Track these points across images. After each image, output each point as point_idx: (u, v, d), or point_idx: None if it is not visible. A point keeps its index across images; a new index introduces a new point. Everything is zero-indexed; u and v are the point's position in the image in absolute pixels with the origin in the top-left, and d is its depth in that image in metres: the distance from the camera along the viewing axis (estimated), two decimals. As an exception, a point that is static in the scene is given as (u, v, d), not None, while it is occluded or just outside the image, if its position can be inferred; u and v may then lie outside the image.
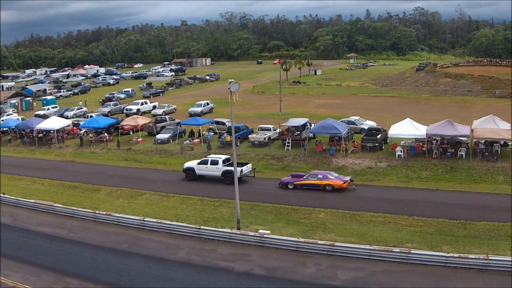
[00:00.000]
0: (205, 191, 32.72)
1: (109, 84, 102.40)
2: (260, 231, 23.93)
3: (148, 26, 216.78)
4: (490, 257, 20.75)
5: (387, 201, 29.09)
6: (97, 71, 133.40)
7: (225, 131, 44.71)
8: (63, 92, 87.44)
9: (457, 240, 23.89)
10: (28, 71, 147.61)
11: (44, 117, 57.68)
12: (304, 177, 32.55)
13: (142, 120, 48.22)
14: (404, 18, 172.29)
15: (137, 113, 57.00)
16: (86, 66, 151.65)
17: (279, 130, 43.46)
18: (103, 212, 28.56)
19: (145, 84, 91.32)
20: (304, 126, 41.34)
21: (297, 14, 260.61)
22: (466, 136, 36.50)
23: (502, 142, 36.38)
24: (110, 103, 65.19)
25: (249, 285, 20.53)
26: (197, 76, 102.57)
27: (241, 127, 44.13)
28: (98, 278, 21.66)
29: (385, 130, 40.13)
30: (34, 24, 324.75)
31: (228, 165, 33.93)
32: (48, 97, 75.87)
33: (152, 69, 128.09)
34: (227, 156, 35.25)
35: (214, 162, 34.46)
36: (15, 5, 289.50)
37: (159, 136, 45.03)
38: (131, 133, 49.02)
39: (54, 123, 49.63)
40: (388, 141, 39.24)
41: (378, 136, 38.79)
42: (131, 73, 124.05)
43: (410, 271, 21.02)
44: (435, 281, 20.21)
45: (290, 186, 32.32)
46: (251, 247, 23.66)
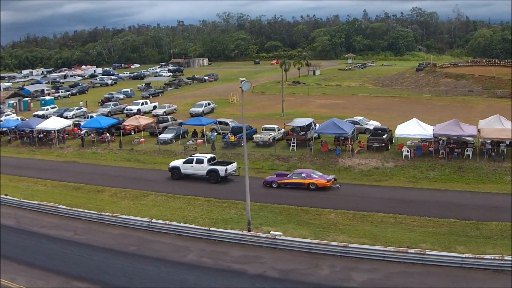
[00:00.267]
0: (211, 191, 32.29)
1: (107, 84, 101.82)
2: (272, 232, 23.52)
3: (144, 26, 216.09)
4: (505, 258, 20.48)
5: (397, 202, 28.82)
6: (94, 71, 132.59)
7: (228, 131, 44.24)
8: (61, 92, 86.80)
9: (470, 241, 23.70)
10: (25, 72, 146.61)
11: (43, 117, 57.08)
12: (288, 176, 32.65)
13: (144, 120, 47.67)
14: (402, 19, 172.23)
15: (138, 113, 56.44)
16: (83, 66, 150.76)
17: (283, 130, 43.06)
18: (109, 214, 27.99)
19: (143, 84, 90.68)
20: (309, 126, 40.97)
21: (293, 15, 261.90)
22: (473, 136, 36.31)
23: (508, 142, 36.21)
24: (110, 103, 64.54)
25: (263, 288, 20.09)
26: (195, 76, 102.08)
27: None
28: (107, 282, 21.13)
29: (390, 130, 39.94)
30: (30, 24, 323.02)
31: (213, 164, 34.44)
32: (46, 98, 75.28)
33: (150, 70, 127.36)
34: (213, 155, 35.81)
35: (199, 161, 34.71)
36: (11, 6, 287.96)
37: (162, 136, 44.51)
38: (133, 133, 48.52)
39: (55, 123, 49.02)
40: (394, 141, 39.03)
41: (384, 136, 38.53)
42: (129, 73, 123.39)
43: (426, 272, 20.73)
44: (451, 282, 19.94)
45: (274, 185, 32.48)
46: (262, 248, 23.23)
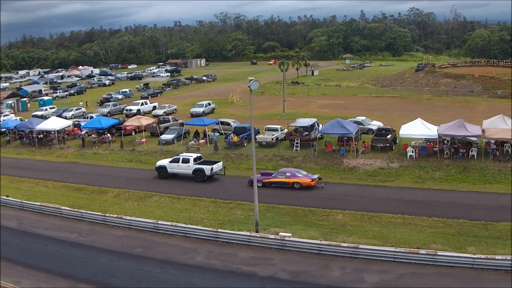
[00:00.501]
0: (217, 192, 31.99)
1: (104, 84, 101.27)
2: (280, 233, 23.17)
3: (141, 27, 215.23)
4: (517, 258, 20.30)
5: (404, 202, 28.60)
6: (92, 72, 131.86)
7: (230, 132, 43.89)
8: (59, 92, 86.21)
9: (479, 241, 23.52)
10: (21, 72, 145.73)
11: (42, 117, 56.53)
12: (273, 175, 32.57)
13: (145, 121, 47.23)
14: (399, 19, 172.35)
15: (138, 114, 56.00)
16: (80, 67, 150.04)
17: (286, 130, 42.75)
18: (114, 215, 27.55)
19: (142, 84, 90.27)
20: (313, 126, 40.68)
21: (289, 15, 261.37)
22: (478, 136, 36.15)
23: (513, 142, 36.05)
24: (109, 104, 64.03)
25: (275, 290, 19.79)
26: (194, 76, 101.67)
27: (247, 127, 43.38)
28: (114, 285, 20.76)
29: (394, 130, 39.75)
30: (25, 25, 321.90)
31: (199, 164, 34.60)
32: (45, 98, 74.68)
33: (147, 70, 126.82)
34: (199, 155, 36.01)
35: (186, 161, 34.86)
36: (7, 6, 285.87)
37: (164, 137, 44.09)
38: (133, 133, 48.10)
39: (55, 123, 48.46)
40: (398, 141, 38.82)
41: (388, 136, 38.30)
42: (126, 73, 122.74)
43: (438, 273, 20.51)
44: (464, 283, 19.75)
45: (259, 184, 31.93)
46: (271, 250, 22.90)
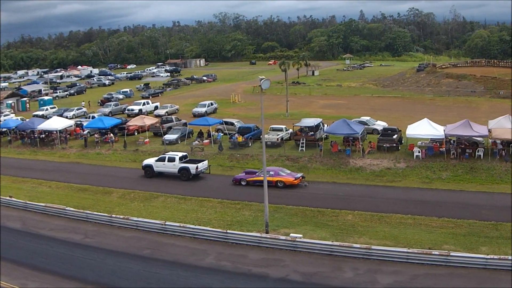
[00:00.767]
0: (223, 193, 31.69)
1: (104, 84, 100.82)
2: (291, 234, 22.87)
3: (140, 27, 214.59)
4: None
5: (413, 203, 28.35)
6: (91, 72, 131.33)
7: (234, 132, 43.56)
8: (59, 92, 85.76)
9: (491, 242, 23.36)
10: (20, 72, 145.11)
11: (43, 117, 56.11)
12: (256, 173, 32.74)
13: (149, 120, 46.82)
14: (399, 19, 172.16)
15: (139, 114, 55.63)
16: (79, 67, 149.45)
17: (291, 130, 42.46)
18: (120, 216, 27.19)
19: (142, 84, 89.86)
20: (318, 126, 40.40)
21: (287, 15, 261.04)
22: (484, 136, 35.95)
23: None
24: (111, 103, 63.59)
25: (288, 292, 19.51)
26: (194, 76, 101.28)
27: (252, 127, 43.07)
28: (123, 287, 20.38)
29: (400, 130, 39.53)
30: (23, 25, 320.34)
31: (185, 162, 35.11)
32: (45, 98, 74.24)
33: (147, 70, 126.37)
34: (184, 154, 36.60)
35: (171, 159, 35.38)
36: (5, 6, 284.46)
37: (167, 137, 43.70)
38: (136, 133, 47.75)
39: (56, 123, 48.02)
40: (403, 141, 38.58)
41: (394, 136, 38.07)
42: (126, 73, 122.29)
43: (451, 274, 20.30)
44: (478, 284, 19.55)
45: (243, 183, 32.78)
46: (282, 251, 22.60)
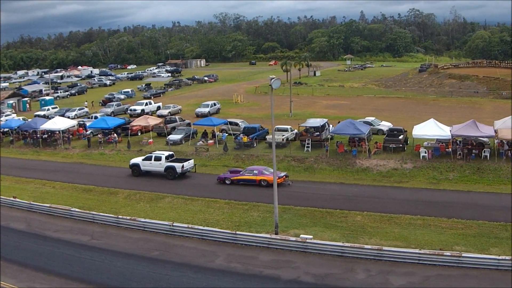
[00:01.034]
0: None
1: (105, 85, 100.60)
2: (302, 235, 22.63)
3: (140, 27, 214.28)
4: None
5: (421, 203, 28.16)
6: (91, 72, 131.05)
7: (239, 132, 43.32)
8: (60, 92, 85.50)
9: (501, 242, 23.15)
10: (20, 72, 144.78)
11: (45, 117, 55.81)
12: (240, 172, 33.18)
13: (152, 121, 46.57)
14: (399, 20, 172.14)
15: (142, 114, 55.39)
16: (79, 67, 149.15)
17: (296, 131, 42.24)
18: (127, 217, 26.93)
19: (143, 85, 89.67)
20: (323, 126, 40.19)
21: (287, 16, 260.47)
22: (491, 137, 35.80)
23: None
24: (113, 104, 63.31)
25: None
26: (195, 77, 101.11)
27: (257, 127, 42.84)
28: (134, 289, 20.18)
29: (406, 131, 39.35)
30: (22, 26, 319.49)
31: (171, 161, 35.64)
32: (46, 98, 73.94)
33: (147, 70, 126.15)
34: (171, 153, 37.14)
35: (158, 158, 35.90)
36: (4, 7, 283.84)
37: (172, 137, 43.47)
38: (139, 134, 47.52)
39: (59, 123, 47.80)
40: (409, 141, 38.39)
41: (400, 137, 37.90)
42: (127, 74, 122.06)
43: (463, 275, 20.11)
44: (490, 285, 19.35)
45: (227, 182, 33.20)
46: (292, 253, 22.36)
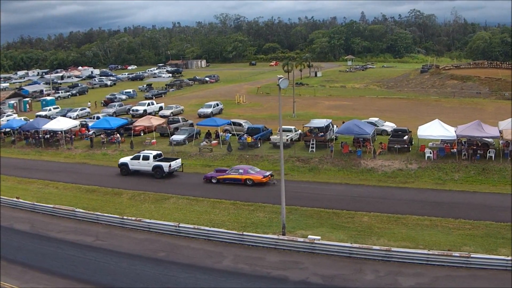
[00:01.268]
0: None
1: (106, 85, 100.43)
2: (309, 236, 22.47)
3: (140, 28, 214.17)
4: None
5: (428, 204, 28.02)
6: (92, 72, 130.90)
7: (243, 132, 43.13)
8: (61, 93, 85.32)
9: (509, 243, 22.98)
10: (20, 73, 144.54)
11: (47, 117, 55.64)
12: (226, 171, 33.42)
13: (155, 121, 46.38)
14: (400, 21, 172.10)
15: (144, 114, 55.24)
16: (80, 67, 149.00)
17: (300, 131, 42.08)
18: (132, 218, 26.74)
19: (145, 85, 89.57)
20: (328, 127, 40.05)
21: (287, 17, 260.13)
22: (496, 138, 35.71)
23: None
24: (115, 104, 63.14)
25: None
26: (196, 77, 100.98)
27: (261, 128, 42.68)
28: (141, 290, 19.99)
29: (410, 131, 39.22)
30: (22, 26, 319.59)
31: (159, 161, 36.02)
32: (47, 98, 73.76)
33: (148, 71, 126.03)
34: (159, 152, 37.48)
35: (146, 158, 36.27)
36: (4, 7, 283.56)
37: (175, 137, 43.28)
38: (142, 134, 47.35)
39: (61, 123, 47.59)
40: (413, 142, 38.26)
41: (405, 137, 37.77)
42: (127, 74, 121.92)
43: (472, 275, 19.99)
44: (499, 286, 19.22)
45: (213, 181, 33.55)
46: (300, 253, 22.20)
